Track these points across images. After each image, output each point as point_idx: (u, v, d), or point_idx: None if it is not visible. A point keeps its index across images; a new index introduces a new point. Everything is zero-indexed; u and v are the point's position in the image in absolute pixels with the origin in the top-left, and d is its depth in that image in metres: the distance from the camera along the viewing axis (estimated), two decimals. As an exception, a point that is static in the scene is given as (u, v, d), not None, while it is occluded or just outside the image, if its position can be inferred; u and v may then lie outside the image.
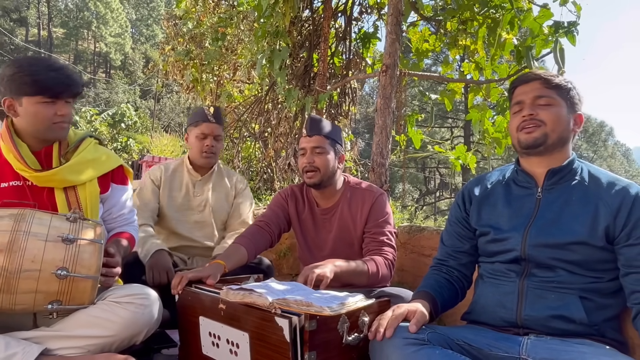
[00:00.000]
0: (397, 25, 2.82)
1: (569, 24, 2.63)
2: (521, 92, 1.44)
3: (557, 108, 1.39)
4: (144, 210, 2.35)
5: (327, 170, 2.00)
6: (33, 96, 1.55)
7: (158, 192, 2.43)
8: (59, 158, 1.67)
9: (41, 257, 1.38)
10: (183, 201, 2.45)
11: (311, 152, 1.99)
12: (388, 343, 1.25)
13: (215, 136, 2.41)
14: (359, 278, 1.79)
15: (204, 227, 2.46)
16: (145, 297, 1.59)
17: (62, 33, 45.84)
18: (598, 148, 40.87)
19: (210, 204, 2.46)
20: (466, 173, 21.65)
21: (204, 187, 2.47)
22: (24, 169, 1.59)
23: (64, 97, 1.59)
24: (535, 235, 1.35)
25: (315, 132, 2.00)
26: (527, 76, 1.46)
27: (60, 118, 1.60)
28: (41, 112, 1.57)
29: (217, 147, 2.44)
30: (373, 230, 1.96)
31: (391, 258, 1.91)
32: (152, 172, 2.48)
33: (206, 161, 2.43)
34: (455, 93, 3.55)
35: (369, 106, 24.62)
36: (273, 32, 3.40)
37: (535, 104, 1.40)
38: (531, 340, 1.29)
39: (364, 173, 4.91)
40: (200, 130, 2.40)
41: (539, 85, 1.41)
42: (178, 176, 2.48)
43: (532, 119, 1.38)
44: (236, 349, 1.40)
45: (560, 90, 1.40)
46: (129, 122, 20.98)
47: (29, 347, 1.39)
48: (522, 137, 1.41)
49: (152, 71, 9.62)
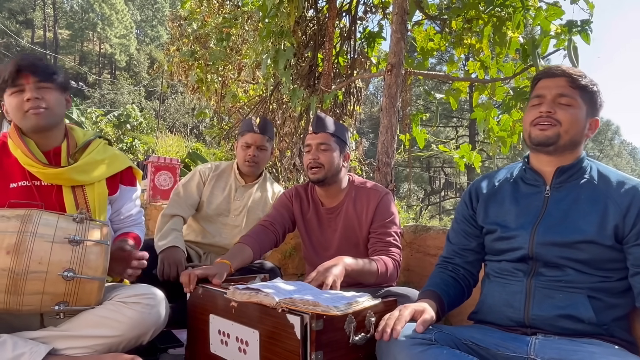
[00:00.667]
0: (402, 24, 2.82)
1: (583, 23, 2.60)
2: (544, 85, 1.40)
3: (577, 110, 1.35)
4: (183, 201, 2.42)
5: (331, 167, 1.99)
6: (5, 91, 1.58)
7: (202, 187, 2.49)
8: (67, 158, 1.68)
9: (48, 258, 1.38)
10: (222, 202, 2.48)
11: (316, 148, 1.99)
12: (395, 343, 1.24)
13: (258, 146, 2.44)
14: (368, 277, 1.79)
15: (233, 230, 2.48)
16: (151, 297, 1.59)
17: (68, 34, 46.05)
18: (604, 147, 40.64)
19: (246, 210, 2.49)
20: (471, 172, 21.58)
21: (245, 193, 2.50)
22: (32, 163, 1.59)
23: (28, 83, 1.57)
24: (543, 233, 1.34)
25: (321, 129, 2.01)
26: (555, 70, 1.40)
27: (29, 104, 1.57)
28: (13, 102, 1.59)
29: (261, 157, 2.46)
30: (379, 231, 1.96)
31: (398, 259, 1.91)
32: (202, 168, 2.55)
33: (249, 169, 2.47)
34: (460, 92, 3.54)
35: (374, 106, 24.60)
36: (278, 32, 3.41)
37: (556, 102, 1.36)
38: (539, 340, 1.28)
39: (369, 173, 4.90)
40: (245, 140, 2.44)
41: (564, 82, 1.37)
42: (225, 177, 2.53)
43: (549, 117, 1.35)
44: (245, 346, 1.40)
45: (585, 92, 1.36)
46: (134, 122, 21.05)
47: (36, 347, 1.40)
48: (534, 133, 1.38)
49: (157, 72, 9.66)
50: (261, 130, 2.45)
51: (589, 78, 1.38)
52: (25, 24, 44.49)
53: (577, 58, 2.60)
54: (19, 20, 43.58)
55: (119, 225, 1.87)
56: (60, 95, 1.66)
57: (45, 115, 1.60)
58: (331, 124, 2.04)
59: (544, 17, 2.75)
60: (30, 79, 1.57)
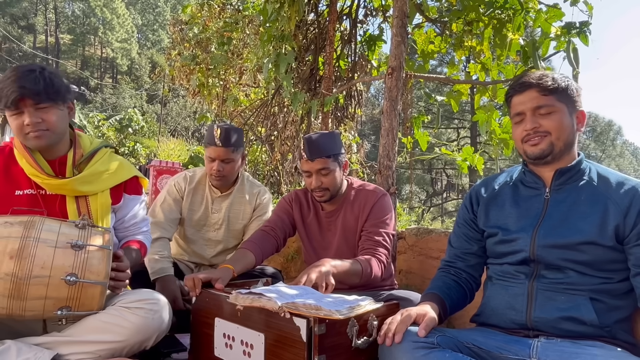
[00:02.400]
0: (402, 27, 2.82)
1: (581, 24, 2.60)
2: (518, 102, 1.40)
3: (559, 114, 1.36)
4: (164, 222, 2.31)
5: (336, 187, 2.01)
6: (5, 110, 1.53)
7: (181, 202, 2.38)
8: (72, 168, 1.68)
9: (51, 263, 1.39)
10: (201, 217, 2.39)
11: (317, 174, 1.97)
12: (397, 347, 1.25)
13: (223, 160, 2.27)
14: (352, 278, 1.80)
15: (217, 245, 2.43)
16: (154, 302, 1.59)
17: (69, 39, 46.18)
18: (606, 147, 40.57)
19: (226, 223, 2.40)
20: (473, 174, 21.57)
21: (222, 204, 2.40)
22: (37, 174, 1.59)
23: (27, 106, 1.52)
24: (544, 236, 1.35)
25: (316, 155, 1.95)
26: (521, 85, 1.40)
27: (29, 128, 1.53)
28: (13, 124, 1.54)
29: (227, 170, 2.29)
30: (370, 230, 1.96)
31: (384, 260, 1.91)
32: (177, 182, 2.41)
33: (217, 183, 2.35)
34: (461, 94, 3.53)
35: (375, 108, 24.60)
36: (279, 36, 3.42)
37: (536, 114, 1.37)
38: (541, 343, 1.28)
39: (371, 175, 4.90)
40: (209, 153, 2.29)
41: (535, 93, 1.37)
42: (200, 190, 2.42)
43: (536, 132, 1.36)
44: (250, 350, 1.41)
45: (558, 93, 1.36)
46: (136, 126, 21.06)
47: (40, 352, 1.40)
48: (528, 150, 1.39)
49: (158, 76, 9.69)
50: (223, 143, 2.24)
51: (556, 76, 1.38)
52: (27, 29, 44.65)
53: (578, 60, 2.60)
54: (21, 25, 43.74)
55: (124, 233, 1.85)
56: (61, 110, 1.61)
57: (46, 136, 1.57)
58: (324, 146, 1.97)
59: (544, 19, 2.75)
60: (28, 101, 1.52)
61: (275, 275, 2.29)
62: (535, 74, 1.41)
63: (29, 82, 1.50)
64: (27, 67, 1.55)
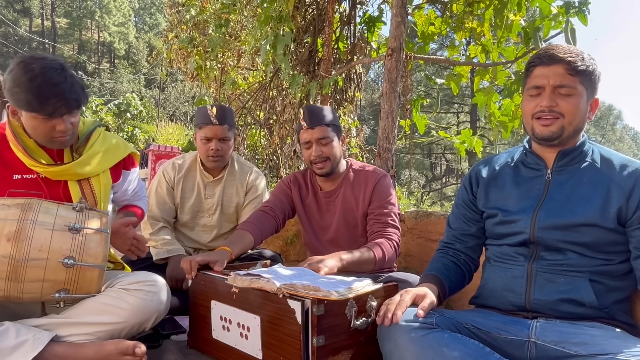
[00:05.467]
0: (402, 8, 2.79)
1: (580, 4, 2.58)
2: (541, 74, 1.33)
3: (578, 99, 1.30)
4: (160, 217, 2.35)
5: (336, 158, 2.01)
6: (29, 112, 1.50)
7: (173, 192, 2.39)
8: (71, 153, 1.68)
9: (48, 245, 1.39)
10: (194, 203, 2.39)
11: (317, 143, 1.97)
12: (396, 327, 1.25)
13: (220, 138, 2.25)
14: (366, 266, 1.80)
15: (212, 230, 2.43)
16: (153, 283, 1.60)
17: (66, 23, 45.68)
18: (606, 132, 40.52)
19: (220, 207, 2.40)
20: (472, 158, 21.54)
21: (215, 189, 2.39)
22: (35, 164, 1.59)
23: (61, 116, 1.53)
24: (544, 217, 1.33)
25: (316, 122, 1.97)
26: (550, 57, 1.31)
27: (59, 133, 1.55)
28: (39, 127, 1.53)
29: (225, 149, 2.28)
30: (377, 212, 1.96)
31: (396, 239, 1.91)
32: (166, 172, 2.40)
33: (214, 164, 2.32)
34: (461, 77, 3.51)
35: (374, 92, 24.48)
36: (276, 17, 3.37)
37: (556, 92, 1.31)
38: (540, 323, 1.28)
39: (370, 159, 4.89)
40: (204, 133, 2.25)
41: (562, 70, 1.30)
42: (191, 177, 2.40)
43: (551, 110, 1.31)
44: (247, 332, 1.41)
45: (584, 76, 1.30)
46: (134, 111, 20.99)
47: (39, 334, 1.40)
48: (537, 129, 1.34)
49: (156, 60, 9.61)
50: (220, 121, 2.22)
51: (586, 56, 1.32)
52: (22, 13, 44.18)
53: (575, 40, 2.57)
54: (17, 8, 43.27)
55: (124, 201, 1.95)
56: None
57: (71, 139, 1.61)
58: (324, 114, 2.00)
59: (543, -1, 2.71)
60: (60, 113, 1.51)
61: (274, 258, 2.29)
62: (565, 48, 1.33)
63: (70, 95, 1.51)
64: (53, 70, 1.49)
